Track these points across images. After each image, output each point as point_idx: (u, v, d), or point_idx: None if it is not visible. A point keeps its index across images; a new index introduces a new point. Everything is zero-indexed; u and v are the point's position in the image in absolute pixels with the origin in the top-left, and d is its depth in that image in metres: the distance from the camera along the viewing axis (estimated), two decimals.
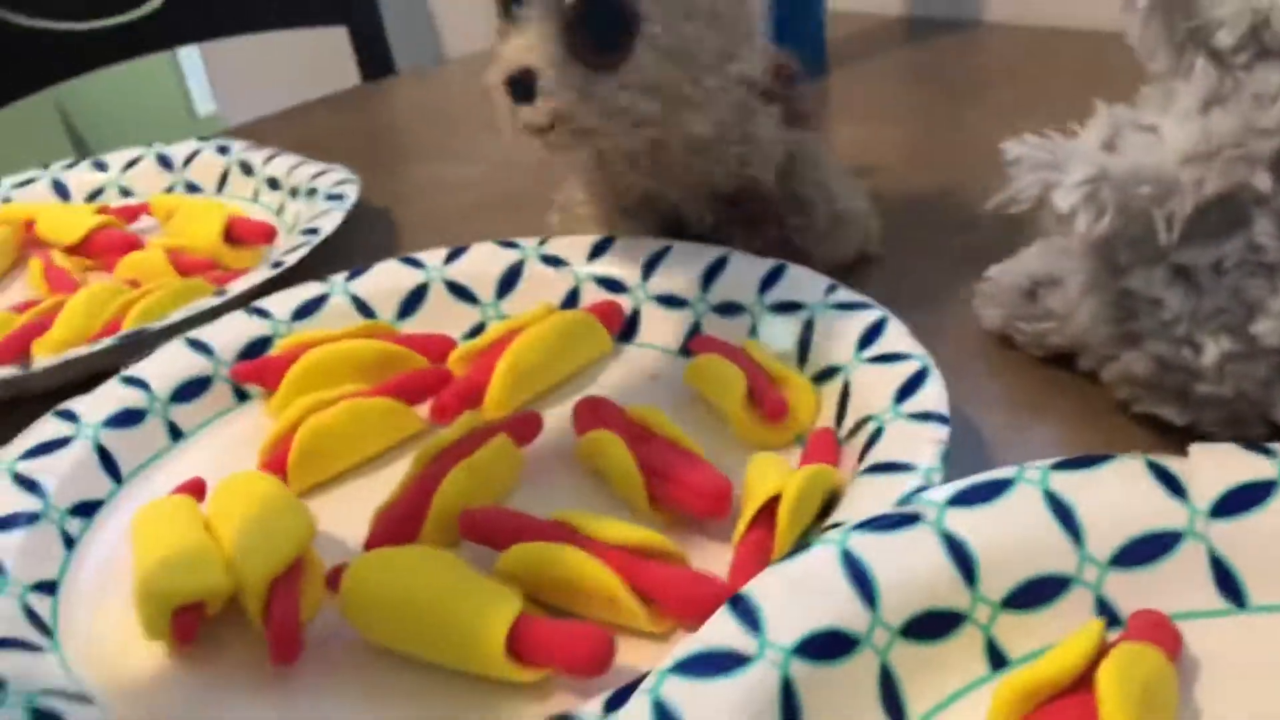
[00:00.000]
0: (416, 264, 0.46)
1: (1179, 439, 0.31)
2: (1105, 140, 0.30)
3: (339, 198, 0.55)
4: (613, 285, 0.44)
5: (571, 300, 0.45)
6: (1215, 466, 0.27)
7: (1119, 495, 0.27)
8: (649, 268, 0.44)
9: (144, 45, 1.00)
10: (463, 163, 0.68)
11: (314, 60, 1.18)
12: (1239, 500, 0.27)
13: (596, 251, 0.46)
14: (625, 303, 0.44)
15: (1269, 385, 0.31)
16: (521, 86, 0.38)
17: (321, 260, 0.50)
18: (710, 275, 0.43)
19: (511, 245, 0.47)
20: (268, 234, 0.55)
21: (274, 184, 0.61)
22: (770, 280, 0.41)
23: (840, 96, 0.74)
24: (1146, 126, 0.30)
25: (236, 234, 0.55)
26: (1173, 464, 0.28)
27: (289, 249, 0.50)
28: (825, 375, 0.37)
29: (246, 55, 1.33)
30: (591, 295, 0.45)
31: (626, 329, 0.44)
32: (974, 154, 0.59)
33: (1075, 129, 0.31)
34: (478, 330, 0.45)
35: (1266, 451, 0.28)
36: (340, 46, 1.11)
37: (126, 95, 1.77)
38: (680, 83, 0.39)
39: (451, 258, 0.47)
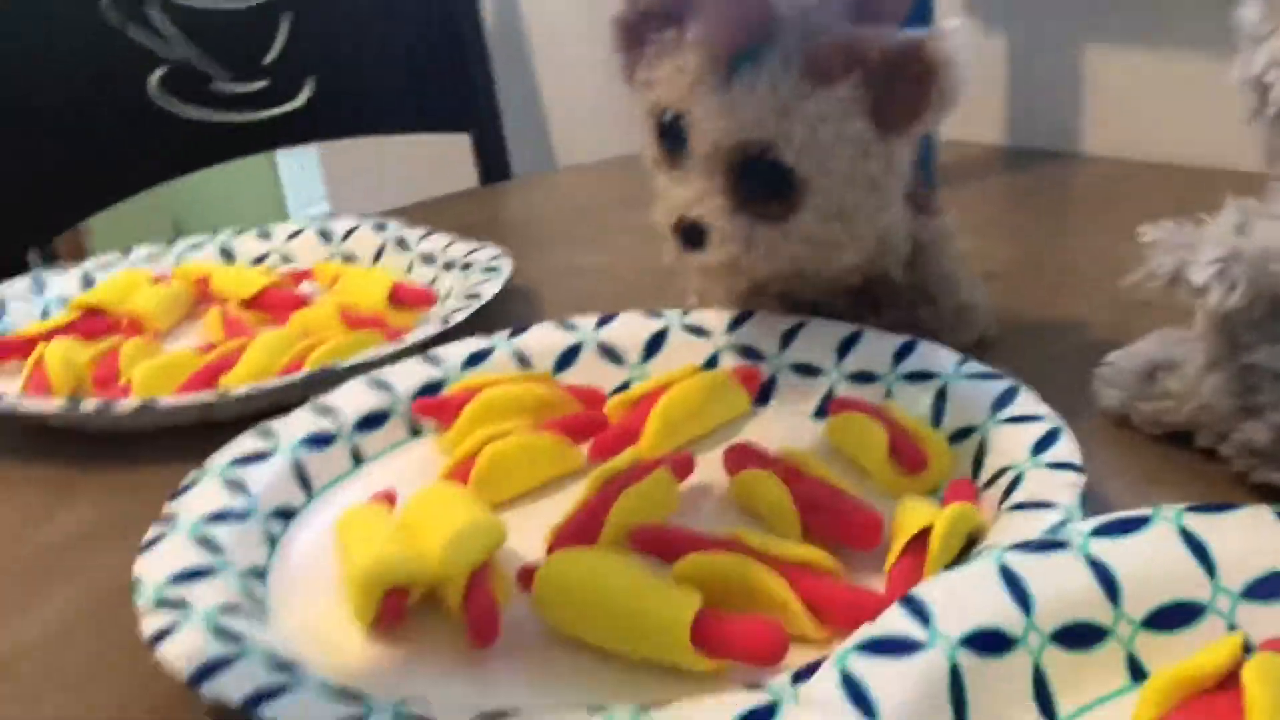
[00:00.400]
0: (571, 326, 0.51)
1: None
2: (1236, 226, 0.33)
3: (495, 270, 0.60)
4: (750, 353, 0.49)
5: (711, 365, 0.49)
6: None
7: (1248, 536, 0.30)
8: (786, 339, 0.48)
9: (286, 138, 1.07)
10: (597, 252, 0.73)
11: (430, 165, 1.25)
12: None
13: (736, 323, 0.50)
14: (763, 369, 0.48)
15: None
16: (691, 235, 0.44)
17: (479, 327, 0.55)
18: (845, 348, 0.47)
19: (657, 314, 0.51)
20: (429, 299, 0.61)
21: (428, 259, 0.67)
22: (904, 353, 0.45)
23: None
24: (1275, 215, 0.33)
25: (400, 298, 0.61)
26: None
27: (455, 309, 0.55)
28: (961, 435, 0.40)
29: (360, 156, 1.40)
30: (730, 363, 0.49)
31: (763, 393, 0.48)
32: (1077, 266, 0.63)
33: (1204, 218, 0.35)
34: (623, 388, 0.49)
35: None
36: (451, 153, 1.17)
37: (224, 187, 1.86)
38: (839, 234, 0.44)
39: (602, 323, 0.51)
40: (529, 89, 1.38)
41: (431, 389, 0.48)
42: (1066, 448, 0.36)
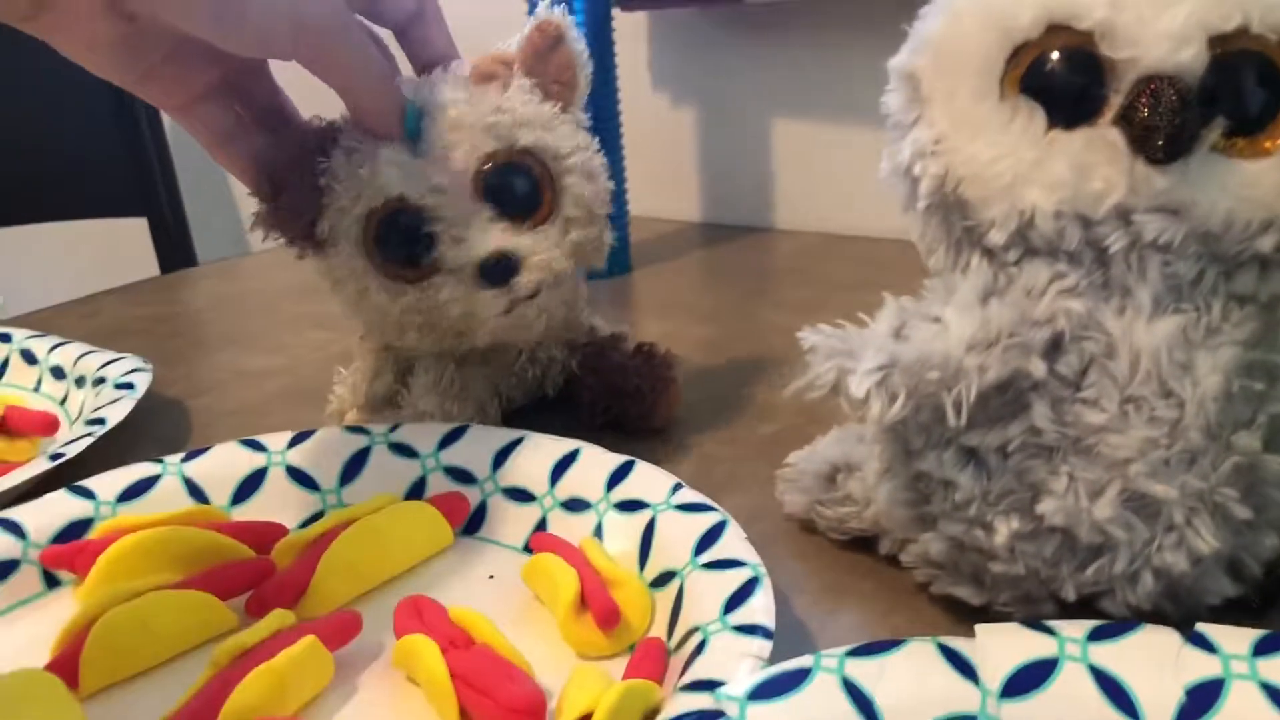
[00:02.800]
0: (256, 447, 0.45)
1: (977, 618, 0.31)
2: (894, 329, 0.31)
3: (129, 386, 0.53)
4: (461, 475, 0.43)
5: (418, 489, 0.43)
6: (1002, 647, 0.28)
7: (914, 680, 0.28)
8: (499, 458, 0.43)
9: None
10: (272, 352, 0.67)
11: (109, 252, 1.16)
12: (1026, 679, 0.28)
13: (448, 439, 0.44)
14: (473, 494, 0.42)
15: (1056, 564, 0.31)
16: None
17: (110, 453, 0.48)
18: (560, 469, 0.42)
19: (359, 431, 0.45)
20: (48, 425, 0.53)
21: (59, 373, 0.59)
22: (619, 477, 0.40)
23: (643, 294, 0.78)
24: (932, 317, 0.31)
25: (13, 425, 0.52)
26: (963, 646, 0.28)
27: (71, 439, 0.48)
28: (663, 579, 0.36)
29: (36, 245, 1.29)
30: (438, 487, 0.43)
31: (473, 521, 0.42)
32: (770, 349, 0.62)
33: (865, 319, 0.32)
34: (315, 518, 0.43)
35: (1047, 630, 0.29)
36: (137, 237, 1.10)
37: None
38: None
39: (294, 442, 0.45)
40: (213, 175, 1.32)
41: (75, 530, 0.40)
42: (760, 605, 0.31)
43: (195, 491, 0.43)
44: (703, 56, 0.96)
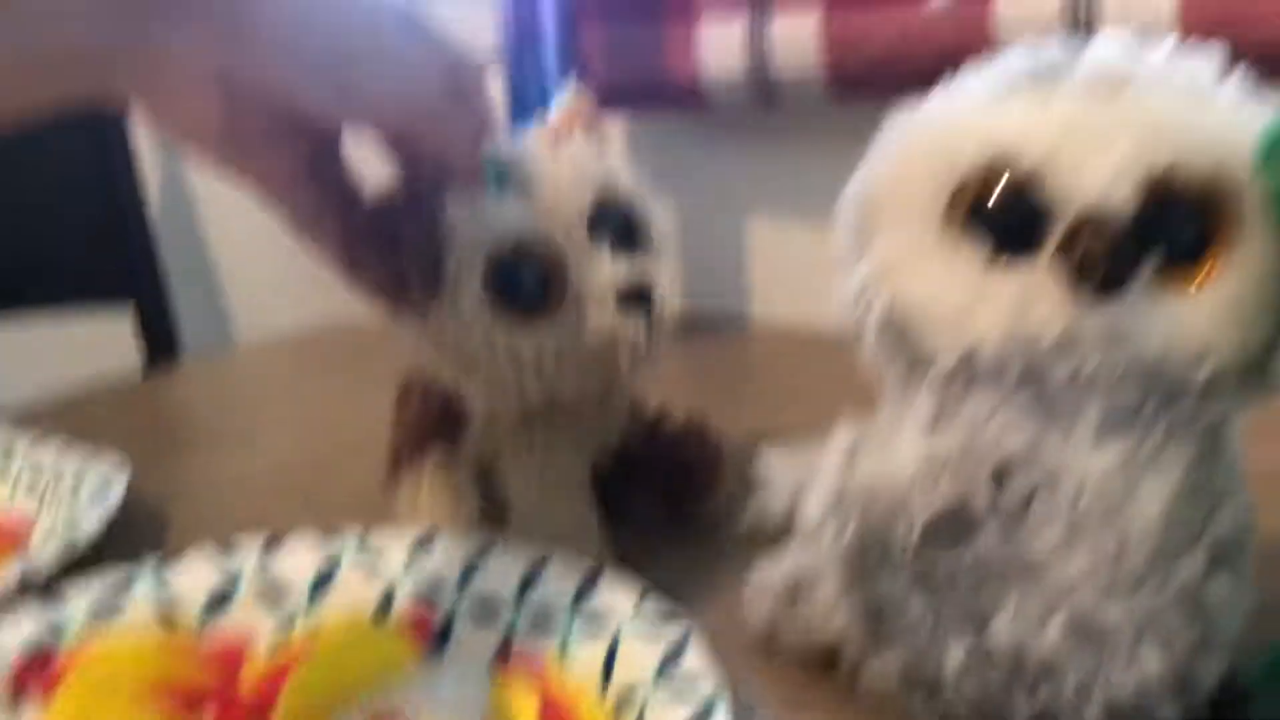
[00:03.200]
0: (226, 557, 0.45)
1: None
2: (845, 457, 0.32)
3: (106, 491, 0.53)
4: (428, 590, 0.43)
5: (386, 603, 0.43)
6: None
7: None
8: (468, 572, 0.43)
9: None
10: (257, 453, 0.67)
11: (91, 343, 1.16)
12: None
13: (418, 548, 0.45)
14: (440, 610, 0.43)
15: (1007, 688, 0.32)
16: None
17: (81, 565, 0.48)
18: (528, 583, 0.42)
19: (330, 539, 0.45)
20: (16, 539, 0.53)
21: (33, 479, 0.59)
22: (585, 591, 0.41)
23: None
24: (882, 444, 0.32)
25: None
26: None
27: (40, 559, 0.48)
28: (625, 703, 0.36)
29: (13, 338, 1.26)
30: (405, 602, 0.43)
31: (441, 639, 0.42)
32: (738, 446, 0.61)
33: (820, 443, 0.33)
34: (290, 626, 0.43)
35: None
36: (118, 330, 1.10)
37: None
38: None
39: (266, 550, 0.45)
40: (200, 261, 1.34)
41: (42, 650, 0.40)
42: None
43: (164, 606, 0.43)
44: (677, 159, 0.97)
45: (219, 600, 0.44)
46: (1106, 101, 0.31)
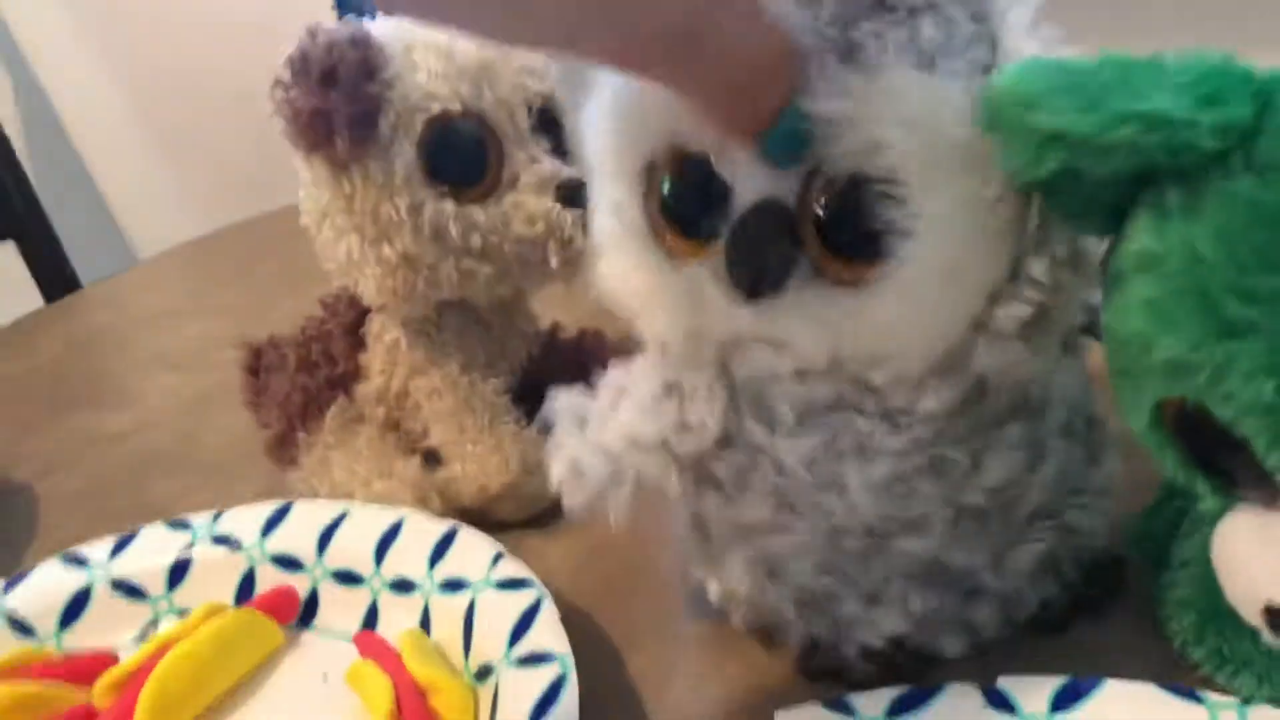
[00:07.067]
0: (79, 562, 0.42)
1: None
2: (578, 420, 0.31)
3: None
4: (288, 563, 0.41)
5: (248, 583, 0.41)
6: None
7: None
8: (324, 539, 0.41)
9: None
10: (127, 404, 0.63)
11: None
12: None
13: (271, 525, 0.42)
14: (302, 582, 0.41)
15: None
16: None
17: None
18: (385, 544, 0.40)
19: (181, 525, 0.43)
20: None
21: None
22: (441, 550, 0.39)
23: None
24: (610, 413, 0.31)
25: None
26: None
27: None
28: (483, 673, 0.34)
29: None
30: (268, 575, 0.41)
31: (307, 610, 0.41)
32: None
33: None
34: (154, 625, 0.41)
35: (846, 708, 0.29)
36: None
37: None
38: None
39: (117, 549, 0.43)
40: (81, 188, 1.26)
41: None
42: (565, 710, 0.30)
43: (18, 625, 0.41)
44: None
45: (73, 608, 0.41)
46: None
